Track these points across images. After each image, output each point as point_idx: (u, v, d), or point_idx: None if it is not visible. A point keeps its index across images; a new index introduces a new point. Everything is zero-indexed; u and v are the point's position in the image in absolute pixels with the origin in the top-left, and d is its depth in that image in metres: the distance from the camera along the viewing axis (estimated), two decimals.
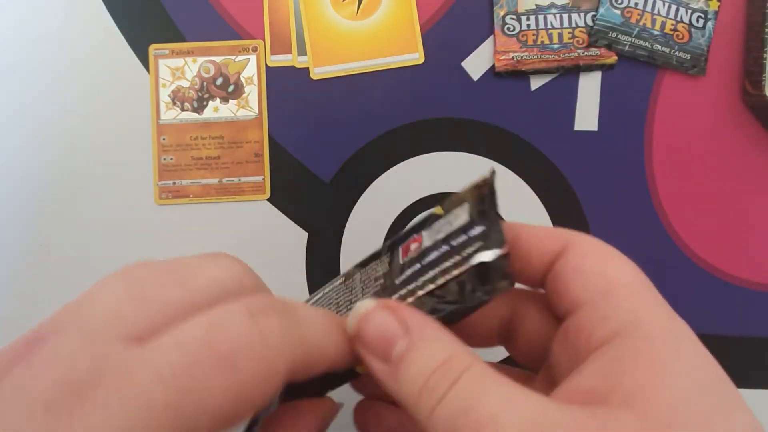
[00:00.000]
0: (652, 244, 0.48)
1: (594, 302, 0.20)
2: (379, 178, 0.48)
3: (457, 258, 0.22)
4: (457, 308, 0.21)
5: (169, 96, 0.48)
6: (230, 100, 0.48)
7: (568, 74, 0.48)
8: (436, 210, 0.26)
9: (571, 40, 0.47)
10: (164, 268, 0.18)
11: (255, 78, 0.48)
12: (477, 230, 0.22)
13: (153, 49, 0.47)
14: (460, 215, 0.24)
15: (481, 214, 0.23)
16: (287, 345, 0.17)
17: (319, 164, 0.48)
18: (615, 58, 0.47)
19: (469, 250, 0.22)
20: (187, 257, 0.20)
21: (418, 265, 0.23)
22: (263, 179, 0.48)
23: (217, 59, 0.48)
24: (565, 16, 0.47)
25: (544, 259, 0.23)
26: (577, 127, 0.48)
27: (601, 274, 0.21)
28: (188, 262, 0.19)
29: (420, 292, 0.22)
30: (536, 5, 0.47)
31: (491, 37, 0.48)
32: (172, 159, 0.48)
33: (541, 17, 0.47)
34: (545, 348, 0.23)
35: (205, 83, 0.48)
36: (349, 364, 0.21)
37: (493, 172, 0.24)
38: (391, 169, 0.48)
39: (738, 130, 0.48)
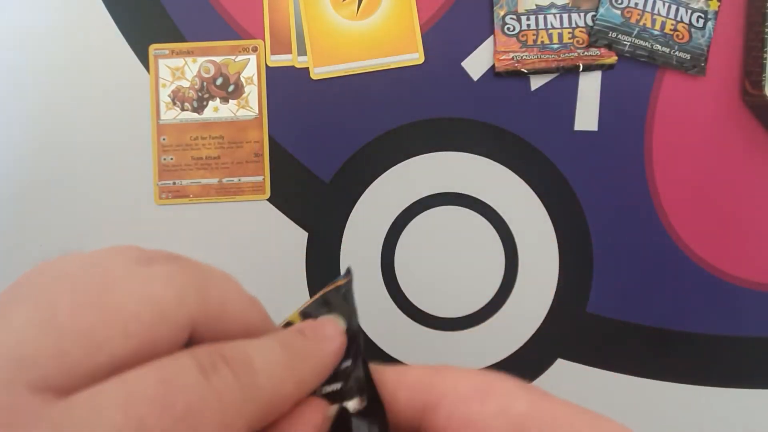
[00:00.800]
0: (652, 244, 0.48)
1: None
2: (379, 178, 0.48)
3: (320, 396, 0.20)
4: None
5: (169, 96, 0.48)
6: (230, 100, 0.48)
7: (568, 74, 0.48)
8: (295, 320, 0.23)
9: (571, 40, 0.47)
10: (83, 286, 0.15)
11: (255, 78, 0.48)
12: (344, 365, 0.20)
13: (153, 49, 0.47)
14: None
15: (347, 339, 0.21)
16: (245, 402, 0.15)
17: (319, 164, 0.48)
18: (615, 58, 0.47)
19: (328, 389, 0.19)
20: (113, 262, 0.16)
21: None
22: (263, 179, 0.48)
23: (217, 59, 0.48)
24: (565, 16, 0.47)
25: (409, 419, 0.19)
26: (577, 127, 0.48)
27: (499, 417, 0.18)
28: (114, 276, 0.15)
29: None
30: (536, 5, 0.47)
31: (491, 37, 0.48)
32: (172, 159, 0.48)
33: (541, 17, 0.47)
34: None
35: (205, 83, 0.48)
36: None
37: (348, 271, 0.22)
38: (391, 169, 0.48)
39: (738, 130, 0.48)
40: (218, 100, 0.48)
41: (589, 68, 0.47)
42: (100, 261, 0.16)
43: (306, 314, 0.22)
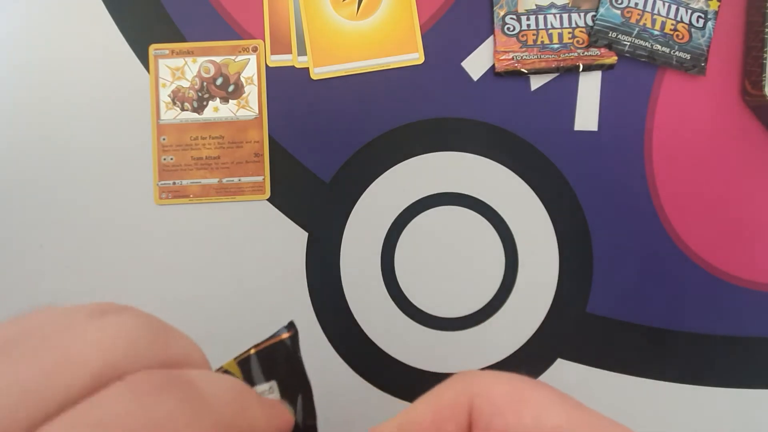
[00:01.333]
0: (652, 244, 0.48)
1: None
2: (379, 178, 0.48)
3: None
4: None
5: (169, 96, 0.48)
6: (230, 100, 0.48)
7: (568, 74, 0.48)
8: (232, 368, 0.21)
9: (571, 40, 0.47)
10: (34, 343, 0.14)
11: (255, 78, 0.48)
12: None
13: (153, 49, 0.47)
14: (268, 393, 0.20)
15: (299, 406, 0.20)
16: (195, 418, 0.14)
17: (319, 164, 0.48)
18: (615, 58, 0.47)
19: None
20: (66, 314, 0.16)
21: None
22: (263, 179, 0.48)
23: (217, 59, 0.48)
24: (565, 16, 0.47)
25: None
26: (577, 127, 0.48)
27: (534, 429, 0.17)
28: (67, 331, 0.15)
29: None
30: (536, 5, 0.47)
31: (491, 37, 0.48)
32: (172, 159, 0.48)
33: (541, 17, 0.47)
34: None
35: (205, 83, 0.48)
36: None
37: (291, 325, 0.21)
38: (391, 169, 0.48)
39: (738, 130, 0.48)
40: (218, 100, 0.48)
41: (589, 68, 0.47)
42: (55, 316, 0.16)
43: (244, 365, 0.21)
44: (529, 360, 0.48)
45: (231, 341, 0.48)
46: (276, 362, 0.20)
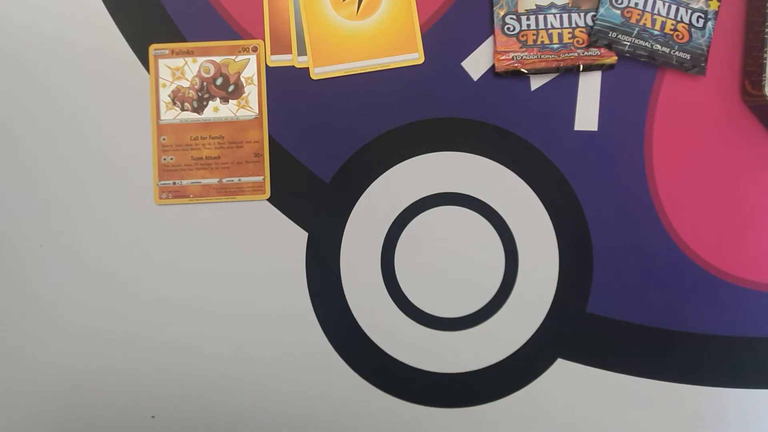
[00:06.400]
0: (652, 244, 0.48)
1: None
2: (379, 178, 0.48)
3: None
4: None
5: (169, 96, 0.48)
6: (230, 100, 0.48)
7: (568, 74, 0.48)
8: None
9: (571, 40, 0.47)
10: None
11: (255, 78, 0.48)
12: None
13: (153, 49, 0.47)
14: None
15: None
16: None
17: (319, 164, 0.48)
18: (615, 58, 0.47)
19: None
20: None
21: None
22: (263, 179, 0.48)
23: (217, 59, 0.48)
24: (565, 16, 0.47)
25: None
26: (577, 127, 0.48)
27: None
28: None
29: None
30: (536, 5, 0.47)
31: (491, 37, 0.48)
32: (172, 159, 0.48)
33: (541, 17, 0.47)
34: None
35: (205, 83, 0.48)
36: None
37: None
38: (391, 169, 0.48)
39: (738, 130, 0.48)
40: (218, 100, 0.48)
41: (589, 68, 0.47)
42: None
43: None
44: (529, 360, 0.48)
45: (231, 341, 0.48)
46: None
